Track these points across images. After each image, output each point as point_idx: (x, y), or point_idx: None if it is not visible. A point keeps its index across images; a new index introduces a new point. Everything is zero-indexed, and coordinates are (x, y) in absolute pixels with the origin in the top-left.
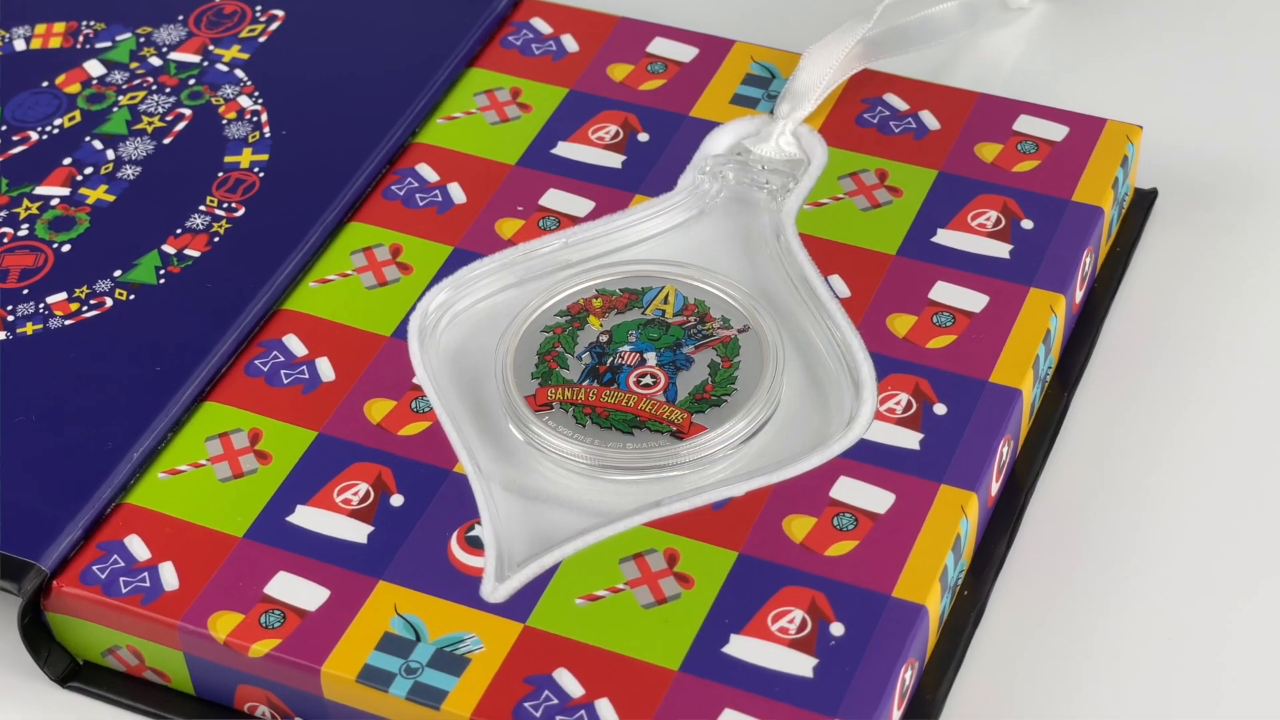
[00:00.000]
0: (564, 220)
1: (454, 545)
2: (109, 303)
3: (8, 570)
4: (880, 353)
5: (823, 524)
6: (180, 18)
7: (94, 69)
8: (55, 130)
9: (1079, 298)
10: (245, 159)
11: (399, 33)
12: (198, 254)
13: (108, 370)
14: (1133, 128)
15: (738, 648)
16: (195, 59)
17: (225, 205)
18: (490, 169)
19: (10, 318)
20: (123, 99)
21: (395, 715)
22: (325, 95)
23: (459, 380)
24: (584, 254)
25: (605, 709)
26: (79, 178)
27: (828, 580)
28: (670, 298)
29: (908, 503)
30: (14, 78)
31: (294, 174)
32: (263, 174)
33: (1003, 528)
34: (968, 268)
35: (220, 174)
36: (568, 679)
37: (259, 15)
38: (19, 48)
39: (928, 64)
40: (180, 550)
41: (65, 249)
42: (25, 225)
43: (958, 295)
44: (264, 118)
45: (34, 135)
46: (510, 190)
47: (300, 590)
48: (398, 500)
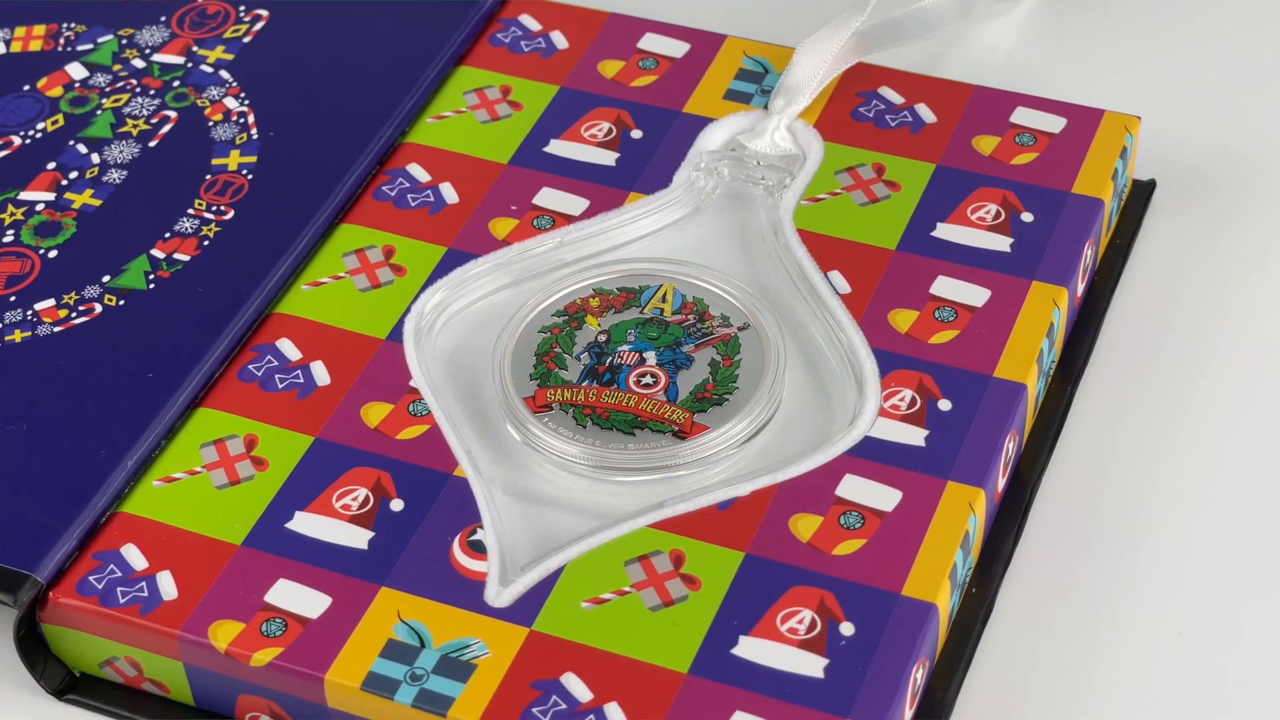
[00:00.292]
0: (558, 219)
1: (456, 550)
2: (98, 309)
3: (2, 582)
4: (883, 349)
5: (829, 523)
6: (163, 19)
7: (76, 72)
8: (38, 134)
9: (1080, 290)
10: (233, 161)
11: (386, 31)
12: (187, 258)
13: (99, 377)
14: (1131, 119)
15: (747, 649)
16: (179, 60)
17: (214, 208)
18: (482, 168)
19: None
20: (106, 102)
21: None
22: (312, 95)
23: (456, 382)
24: (579, 253)
25: (615, 713)
26: (64, 182)
27: (836, 579)
28: (668, 296)
29: (915, 500)
30: None
31: (283, 176)
32: (251, 176)
33: (1009, 524)
34: (969, 262)
35: (208, 177)
36: (575, 684)
37: (243, 15)
38: None
39: (920, 57)
40: (178, 559)
41: (52, 255)
42: (10, 231)
43: (959, 290)
44: (251, 119)
45: (16, 139)
46: (503, 189)
47: (301, 598)
48: (398, 505)
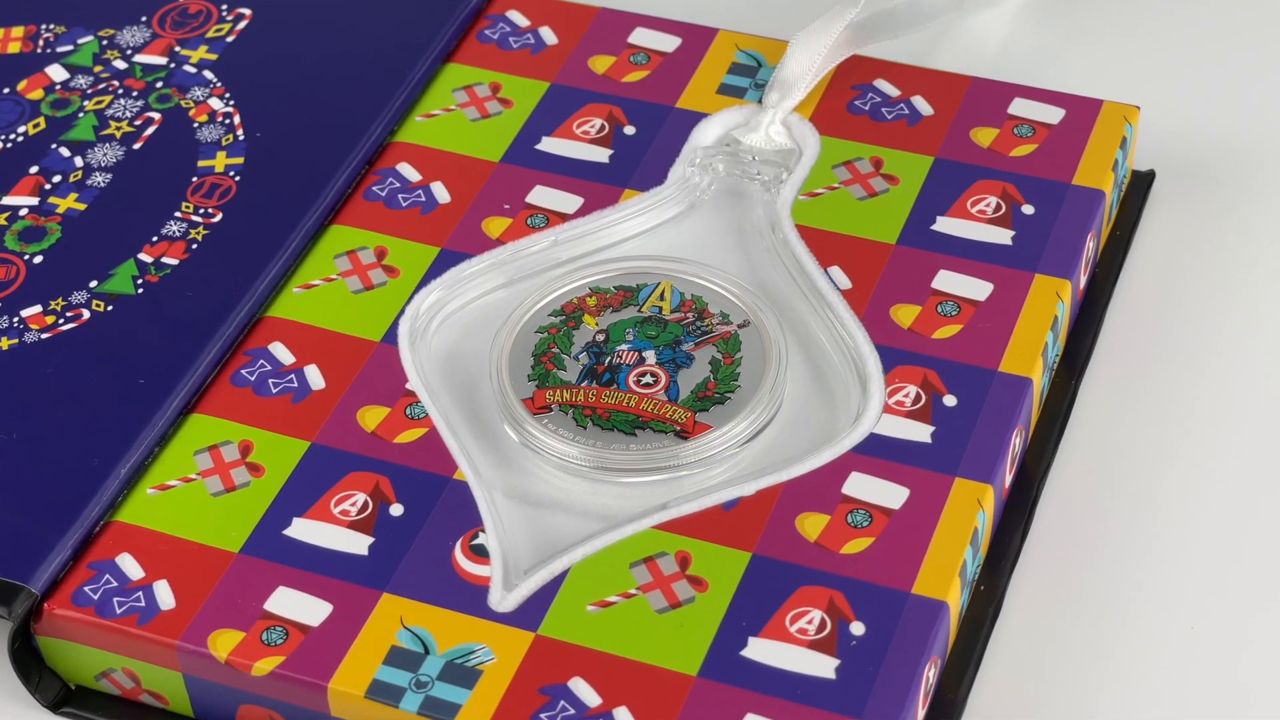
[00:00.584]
0: (552, 217)
1: (458, 554)
2: (86, 314)
3: None
4: (885, 344)
5: (836, 521)
6: (143, 19)
7: (56, 74)
8: (19, 138)
9: (1082, 283)
10: (220, 163)
11: (371, 29)
12: (176, 262)
13: (89, 384)
14: (1130, 108)
15: (757, 650)
16: (161, 61)
17: (202, 211)
18: (474, 167)
19: None
20: (88, 104)
21: None
22: (299, 95)
23: (452, 384)
24: (575, 251)
25: (624, 718)
26: (47, 186)
27: (845, 579)
28: (666, 294)
29: (922, 497)
30: None
31: (271, 177)
32: (239, 178)
33: (1016, 520)
34: (970, 255)
35: (195, 179)
36: (584, 688)
37: (225, 14)
38: None
39: (913, 48)
40: (175, 568)
41: (37, 260)
42: None
43: (961, 284)
44: (237, 120)
45: None
46: (495, 188)
47: (302, 605)
48: (397, 510)
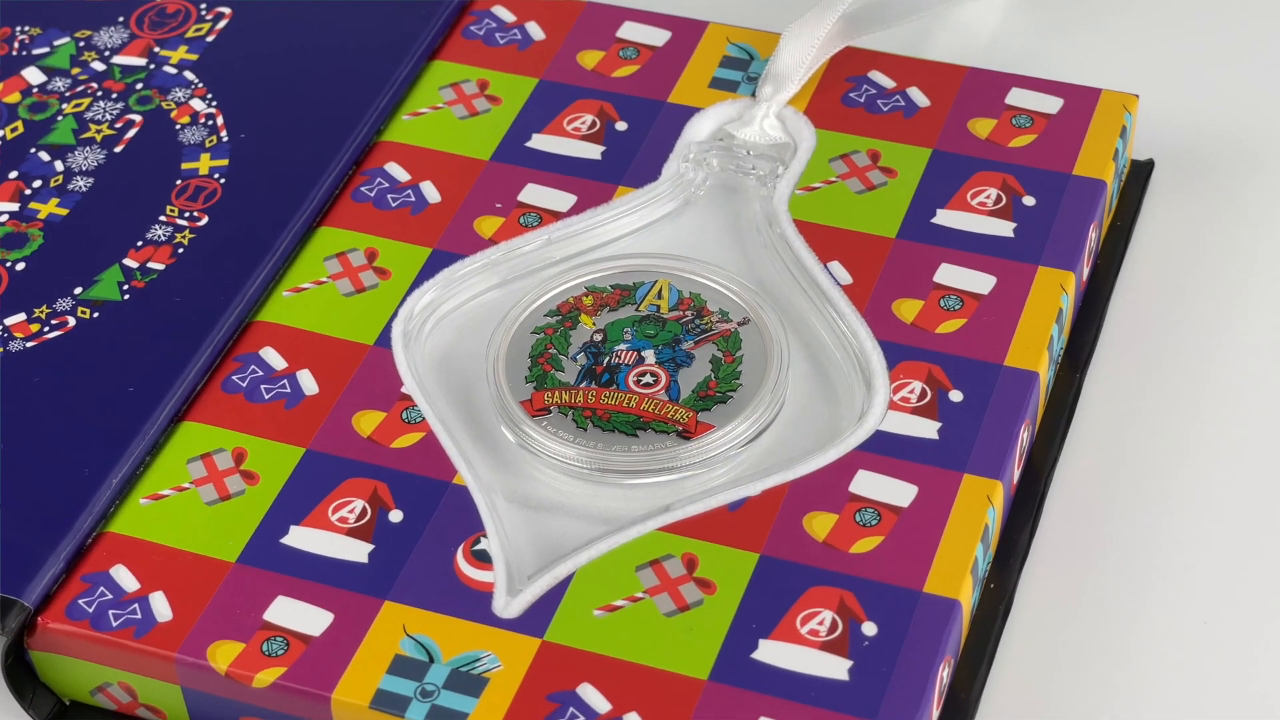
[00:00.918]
0: (545, 216)
1: (460, 560)
2: (72, 322)
3: None
4: (889, 340)
5: (845, 520)
6: (120, 19)
7: (33, 76)
8: None
9: (1085, 275)
10: (204, 165)
11: (353, 26)
12: (162, 266)
13: (77, 393)
14: (1129, 97)
15: (768, 653)
16: (141, 62)
17: (187, 214)
18: (463, 165)
19: None
20: (67, 107)
21: None
22: (282, 95)
23: (448, 387)
24: (569, 250)
25: None
26: (27, 192)
27: (855, 578)
28: (664, 292)
29: (931, 494)
30: None
31: (257, 179)
32: (224, 180)
33: (1024, 516)
34: (971, 248)
35: (179, 182)
36: (593, 694)
37: (204, 14)
38: None
39: (904, 39)
40: (171, 579)
41: (20, 267)
42: None
43: (964, 277)
44: (220, 121)
45: None
46: (486, 187)
47: (302, 615)
48: (396, 516)
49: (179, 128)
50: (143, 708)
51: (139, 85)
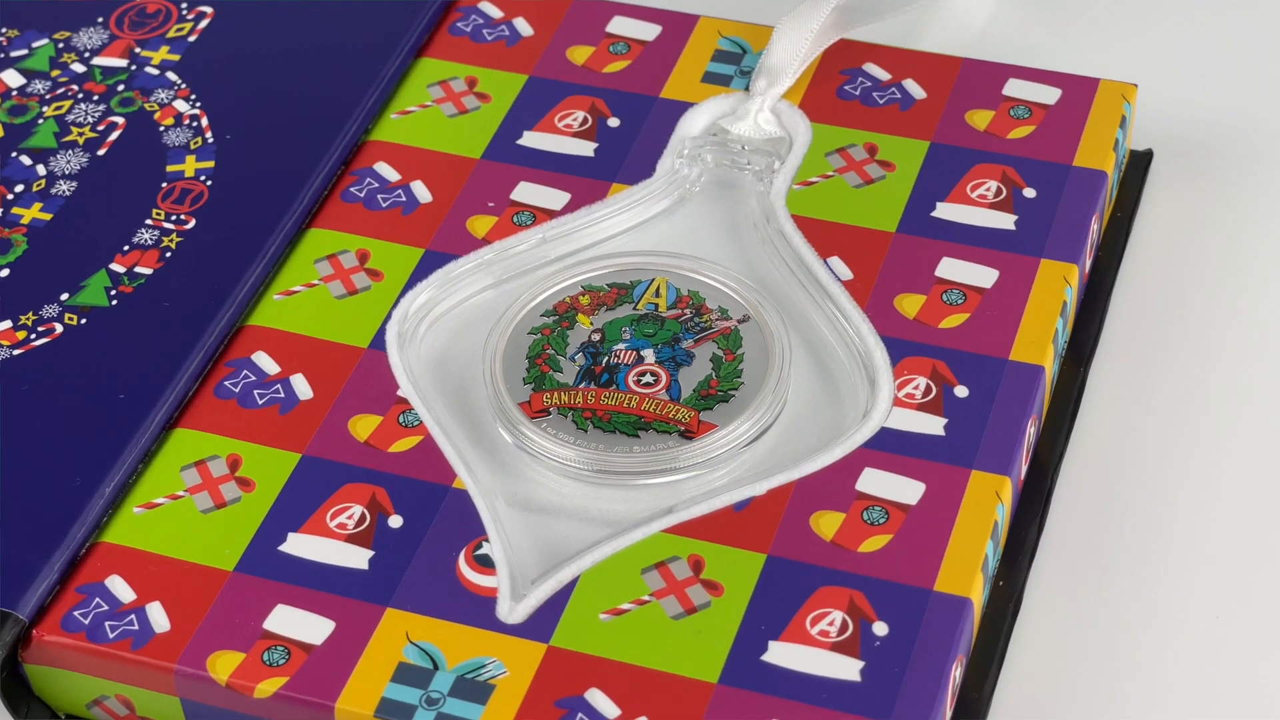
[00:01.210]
0: (539, 214)
1: (462, 565)
2: (59, 329)
3: None
4: (892, 336)
5: (852, 519)
6: (100, 20)
7: (12, 79)
8: None
9: (1087, 266)
10: (189, 167)
11: (338, 24)
12: (149, 271)
13: (66, 401)
14: (1127, 86)
15: (778, 655)
16: (122, 63)
17: (174, 218)
18: (454, 164)
19: None
20: (48, 110)
21: None
22: (268, 94)
23: (445, 389)
24: (564, 249)
25: None
26: (9, 196)
27: (865, 578)
28: (662, 290)
29: (939, 491)
30: None
31: (244, 180)
32: (210, 182)
33: (1032, 512)
34: (973, 241)
35: (164, 184)
36: (601, 700)
37: (185, 13)
38: None
39: (897, 31)
40: (167, 588)
41: (4, 274)
42: None
43: (966, 271)
44: (204, 122)
45: None
46: (478, 185)
47: (303, 623)
48: (396, 521)
49: (163, 129)
50: None
51: (120, 87)
